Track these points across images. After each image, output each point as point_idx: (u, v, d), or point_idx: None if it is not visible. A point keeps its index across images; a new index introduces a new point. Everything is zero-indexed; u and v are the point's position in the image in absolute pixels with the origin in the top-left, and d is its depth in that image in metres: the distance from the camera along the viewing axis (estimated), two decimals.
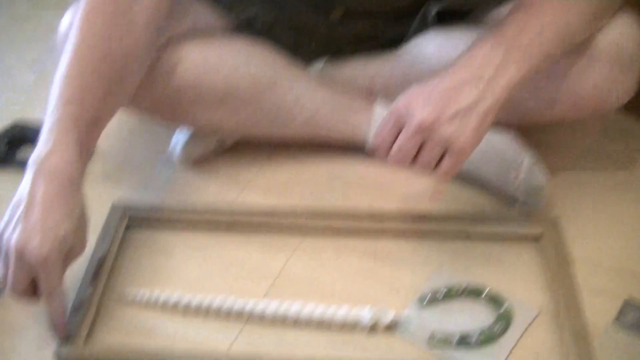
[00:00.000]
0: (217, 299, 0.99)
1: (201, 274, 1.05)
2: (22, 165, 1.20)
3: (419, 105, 0.92)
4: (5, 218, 0.91)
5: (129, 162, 1.27)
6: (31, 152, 0.92)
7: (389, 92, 1.16)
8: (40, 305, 0.92)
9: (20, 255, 0.87)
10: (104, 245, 1.06)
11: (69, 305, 0.97)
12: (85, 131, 0.94)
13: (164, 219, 1.12)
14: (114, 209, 1.12)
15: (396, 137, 0.94)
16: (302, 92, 1.14)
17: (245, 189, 1.19)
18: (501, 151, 1.10)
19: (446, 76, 0.93)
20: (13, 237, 0.87)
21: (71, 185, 0.91)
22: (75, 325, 0.96)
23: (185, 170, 1.23)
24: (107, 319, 1.00)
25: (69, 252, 0.91)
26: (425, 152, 0.92)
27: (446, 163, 0.92)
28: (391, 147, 0.94)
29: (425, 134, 0.91)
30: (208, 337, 0.97)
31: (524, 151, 1.09)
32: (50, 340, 0.95)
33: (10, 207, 0.91)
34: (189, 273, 1.06)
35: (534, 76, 0.95)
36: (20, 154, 1.28)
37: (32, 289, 0.91)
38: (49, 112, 0.93)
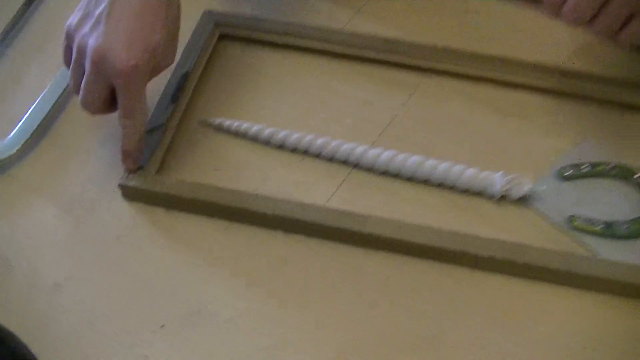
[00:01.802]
0: (319, 140, 0.85)
1: (300, 108, 0.91)
2: None
3: None
4: (79, 12, 0.77)
5: None
6: None
7: None
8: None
9: (101, 62, 0.74)
10: (189, 60, 0.93)
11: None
12: None
13: (261, 36, 0.97)
14: (204, 18, 0.98)
15: None
16: None
17: (358, 14, 1.02)
18: None
19: None
20: (91, 38, 0.74)
21: None
22: (147, 154, 0.84)
23: None
24: (185, 148, 0.88)
25: (156, 64, 0.78)
26: (610, 10, 0.76)
27: (635, 27, 0.77)
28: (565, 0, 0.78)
29: None
30: (304, 185, 0.84)
31: None
32: (116, 169, 0.84)
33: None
34: (286, 104, 0.91)
35: None
36: None
37: (107, 104, 0.79)
38: None
